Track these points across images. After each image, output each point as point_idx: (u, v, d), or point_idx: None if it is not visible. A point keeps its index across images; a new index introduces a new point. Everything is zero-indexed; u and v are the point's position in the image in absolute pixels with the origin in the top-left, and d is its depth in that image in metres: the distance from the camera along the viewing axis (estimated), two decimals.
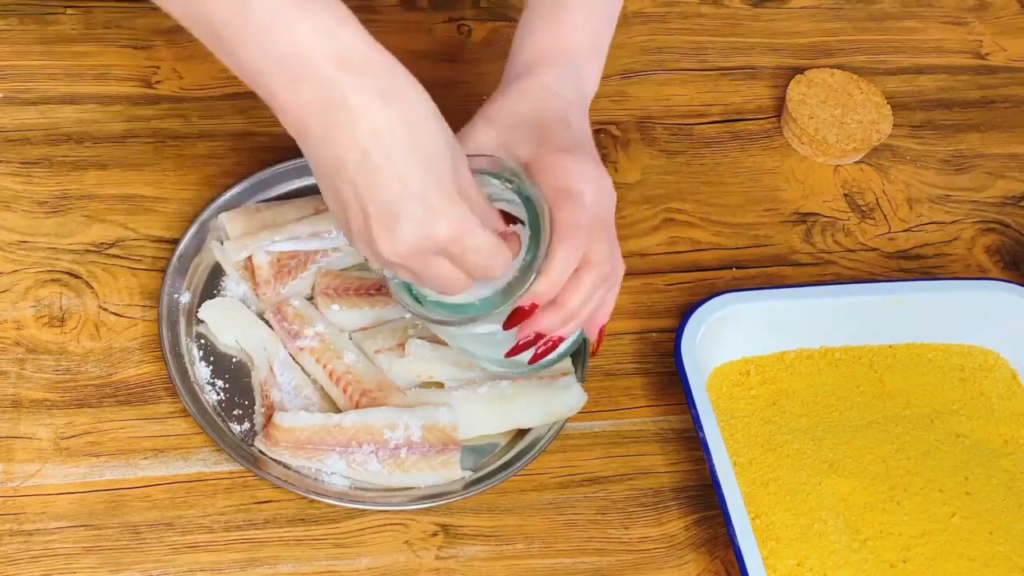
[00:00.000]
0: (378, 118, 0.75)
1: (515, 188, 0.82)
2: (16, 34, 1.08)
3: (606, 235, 0.84)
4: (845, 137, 1.13)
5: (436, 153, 0.76)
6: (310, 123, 0.75)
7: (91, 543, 0.86)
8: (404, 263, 0.79)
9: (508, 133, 0.86)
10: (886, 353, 1.02)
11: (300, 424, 0.90)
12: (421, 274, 0.80)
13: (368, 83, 0.75)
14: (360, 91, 0.74)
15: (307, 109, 0.75)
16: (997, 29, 1.28)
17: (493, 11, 1.19)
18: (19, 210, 0.99)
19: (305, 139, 0.77)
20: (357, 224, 0.78)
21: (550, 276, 0.81)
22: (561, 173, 0.83)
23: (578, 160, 0.84)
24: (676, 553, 0.92)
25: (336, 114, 0.74)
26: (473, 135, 0.87)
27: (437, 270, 0.79)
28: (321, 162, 0.77)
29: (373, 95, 0.75)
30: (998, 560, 0.93)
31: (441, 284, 0.81)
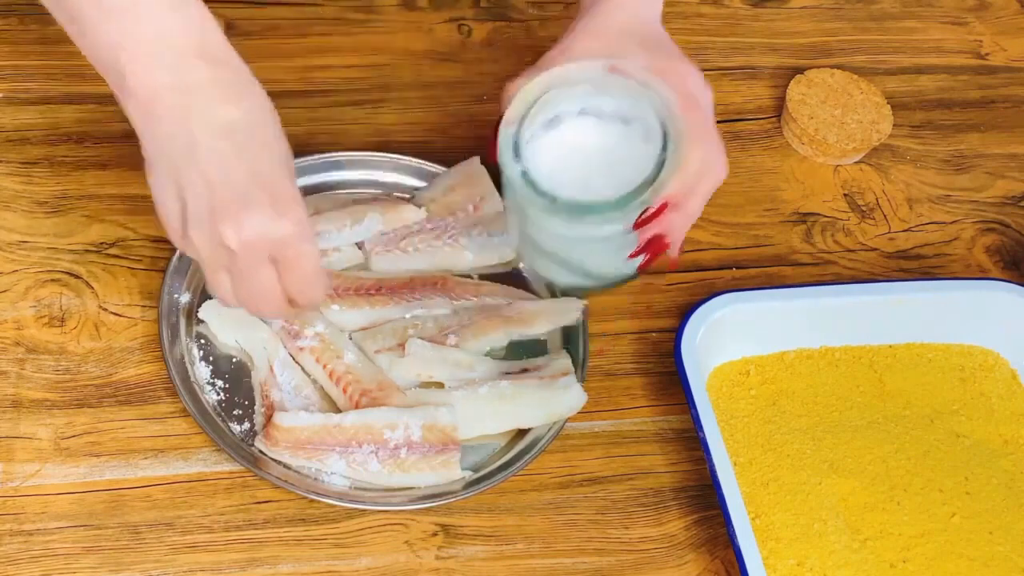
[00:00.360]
0: (234, 109, 0.77)
1: (641, 92, 0.83)
2: (16, 34, 1.08)
3: (720, 142, 0.86)
4: (845, 137, 1.13)
5: (284, 155, 0.80)
6: (161, 105, 0.77)
7: (91, 543, 0.86)
8: (242, 253, 0.79)
9: (614, 43, 0.86)
10: (886, 353, 1.02)
11: (300, 424, 0.90)
12: (245, 276, 0.80)
13: (226, 77, 0.78)
14: (219, 83, 0.77)
15: (161, 92, 0.77)
16: (997, 29, 1.28)
17: (493, 11, 1.19)
18: (19, 210, 0.99)
19: (151, 121, 0.78)
20: (196, 209, 0.78)
21: (684, 178, 0.83)
22: (680, 79, 0.85)
23: (693, 69, 0.86)
24: (676, 553, 0.92)
25: (193, 98, 0.76)
26: (576, 46, 0.87)
27: (261, 276, 0.81)
28: (167, 144, 0.78)
29: (231, 88, 0.78)
30: (998, 560, 0.93)
31: (258, 295, 0.82)
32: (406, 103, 1.10)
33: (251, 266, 0.80)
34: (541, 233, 0.88)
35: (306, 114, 1.07)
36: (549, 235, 0.87)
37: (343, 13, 1.15)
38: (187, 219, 0.79)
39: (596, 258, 0.89)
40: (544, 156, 0.85)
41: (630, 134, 0.85)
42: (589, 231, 0.85)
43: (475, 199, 1.02)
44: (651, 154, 0.83)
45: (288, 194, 0.79)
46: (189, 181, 0.78)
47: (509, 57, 1.15)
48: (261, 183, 0.78)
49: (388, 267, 1.00)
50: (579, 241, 0.87)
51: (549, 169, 0.84)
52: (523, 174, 0.83)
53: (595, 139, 0.86)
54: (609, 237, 0.86)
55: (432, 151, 1.06)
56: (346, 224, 0.99)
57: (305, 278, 0.82)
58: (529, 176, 0.83)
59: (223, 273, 0.82)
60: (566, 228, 0.85)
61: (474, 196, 1.02)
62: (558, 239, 0.88)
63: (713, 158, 0.85)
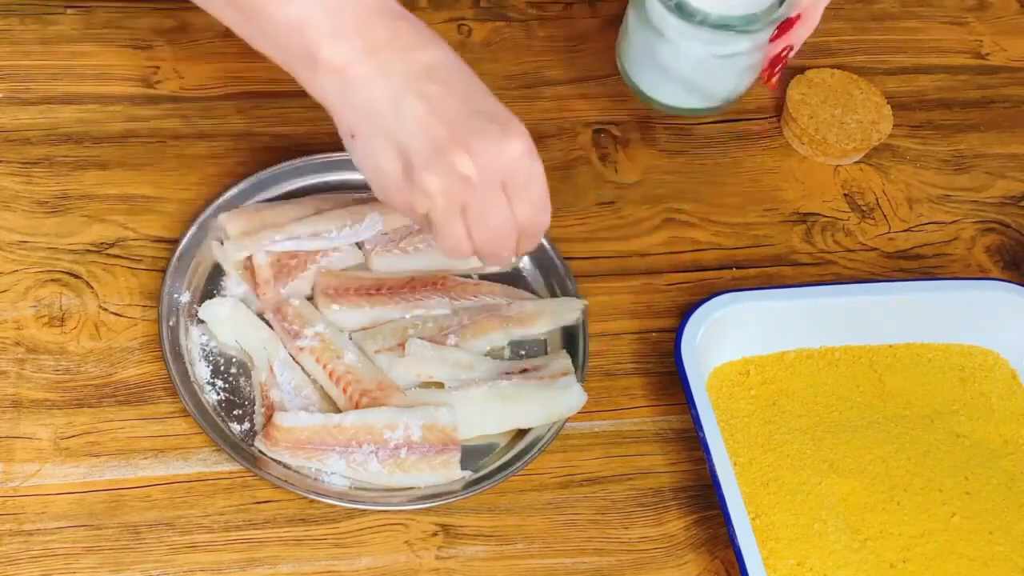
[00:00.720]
0: (428, 54, 0.79)
1: None
2: (16, 34, 1.08)
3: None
4: (845, 137, 1.13)
5: (484, 85, 0.81)
6: (358, 69, 0.78)
7: (91, 543, 0.86)
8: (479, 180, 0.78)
9: None
10: (886, 353, 1.02)
11: (300, 424, 0.90)
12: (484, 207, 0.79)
13: (409, 28, 0.79)
14: (405, 34, 0.79)
15: (355, 56, 0.78)
16: (997, 29, 1.28)
17: (493, 11, 1.19)
18: (19, 210, 0.99)
19: (350, 88, 0.79)
20: (421, 153, 0.78)
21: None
22: None
23: None
24: (676, 553, 0.92)
25: (386, 55, 0.77)
26: None
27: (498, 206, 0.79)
28: (371, 106, 0.78)
29: (417, 37, 0.79)
30: (998, 560, 0.93)
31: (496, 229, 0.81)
32: None
33: (488, 194, 0.79)
34: (676, 56, 0.97)
35: (306, 114, 1.07)
36: (682, 56, 0.97)
37: None
38: (413, 168, 0.78)
39: (722, 77, 1.00)
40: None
41: None
42: (727, 48, 0.96)
43: None
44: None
45: (507, 116, 0.80)
46: (405, 131, 0.78)
47: (509, 57, 1.15)
48: (479, 110, 0.79)
49: (388, 267, 1.00)
50: (711, 59, 0.97)
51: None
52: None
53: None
54: (741, 53, 0.97)
55: None
56: (346, 224, 0.99)
57: (537, 200, 0.81)
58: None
59: (458, 217, 0.80)
60: (706, 46, 0.96)
61: None
62: (689, 60, 0.97)
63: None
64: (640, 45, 0.99)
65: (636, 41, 1.00)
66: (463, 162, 0.77)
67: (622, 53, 1.05)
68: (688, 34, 0.96)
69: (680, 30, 0.96)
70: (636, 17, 1.00)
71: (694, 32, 0.95)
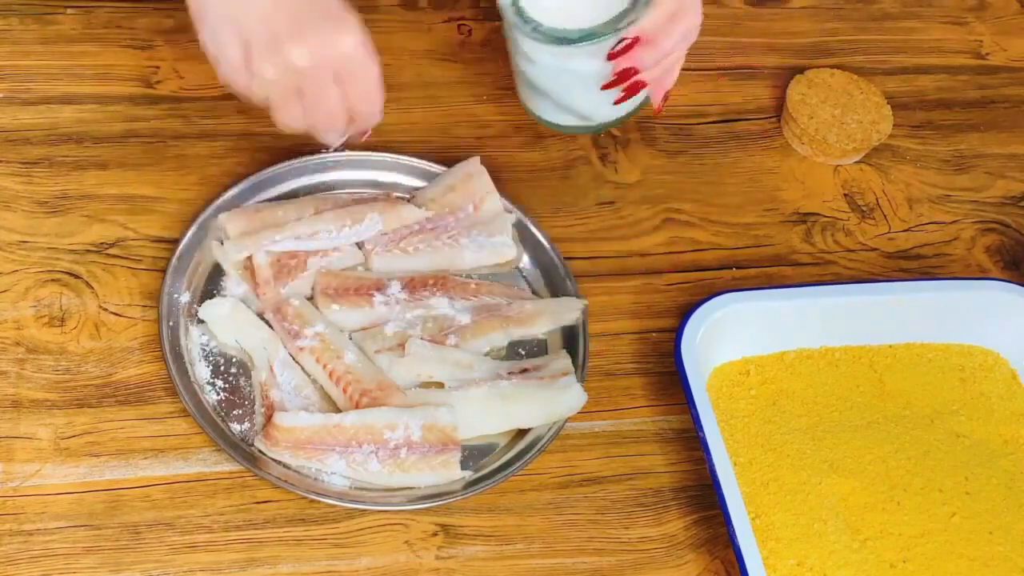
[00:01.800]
0: None
1: None
2: (16, 34, 1.08)
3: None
4: (845, 137, 1.13)
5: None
6: None
7: (91, 543, 0.86)
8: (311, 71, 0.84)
9: None
10: (886, 353, 1.02)
11: (300, 424, 0.90)
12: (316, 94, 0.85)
13: None
14: None
15: None
16: (997, 29, 1.28)
17: (493, 11, 1.18)
18: (19, 210, 0.99)
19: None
20: (260, 41, 0.83)
21: (657, 12, 0.90)
22: None
23: None
24: (676, 553, 0.92)
25: None
26: None
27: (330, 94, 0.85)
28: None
29: None
30: (998, 560, 0.93)
31: (325, 113, 0.87)
32: (406, 103, 1.10)
33: (321, 83, 0.85)
34: (532, 66, 0.96)
35: None
36: (539, 68, 0.95)
37: None
38: (251, 54, 0.84)
39: (583, 96, 0.97)
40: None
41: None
42: (572, 63, 0.93)
43: (475, 199, 1.02)
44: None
45: (343, 15, 0.84)
46: (247, 19, 0.83)
47: (509, 57, 1.15)
48: (318, 6, 0.83)
49: (388, 267, 1.00)
50: (565, 73, 0.95)
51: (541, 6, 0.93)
52: (513, 2, 0.93)
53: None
54: (592, 72, 0.94)
55: (432, 151, 1.06)
56: (346, 224, 0.99)
57: (368, 90, 0.87)
58: (518, 4, 0.93)
59: (293, 99, 0.86)
60: (551, 58, 0.93)
61: (474, 196, 1.02)
62: (547, 72, 0.96)
63: (688, 2, 0.92)
64: (513, 62, 1.00)
65: (513, 57, 0.99)
66: (298, 53, 0.83)
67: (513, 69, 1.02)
68: (535, 47, 0.94)
69: (526, 42, 0.94)
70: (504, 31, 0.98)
71: (538, 44, 0.93)
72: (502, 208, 1.03)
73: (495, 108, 1.12)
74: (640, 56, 0.92)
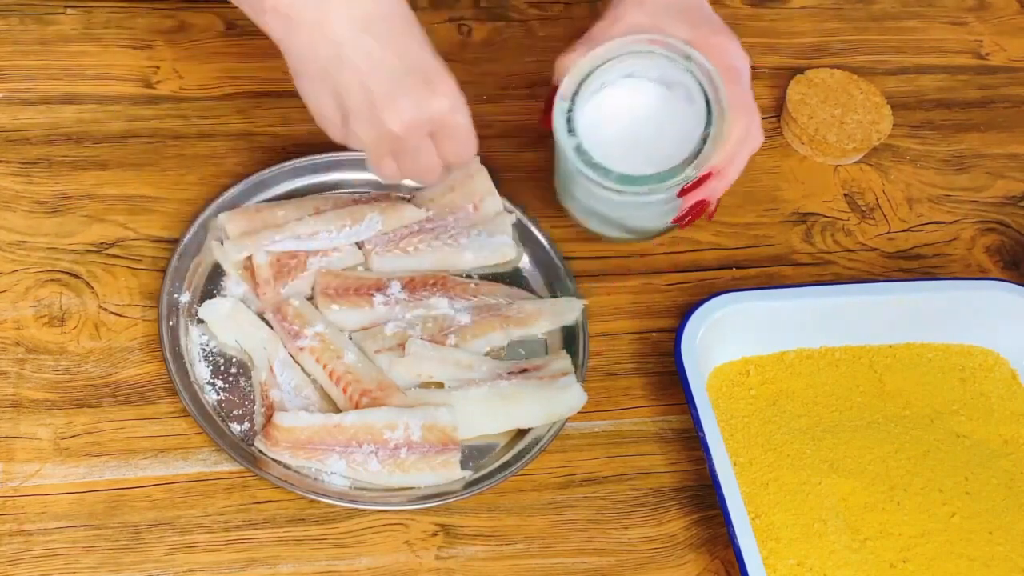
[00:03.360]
0: (368, 3, 0.83)
1: (686, 66, 0.90)
2: (16, 34, 1.08)
3: (757, 110, 0.93)
4: (845, 137, 1.13)
5: (423, 36, 0.85)
6: (300, 14, 0.82)
7: (91, 543, 0.86)
8: (405, 135, 0.84)
9: (659, 16, 0.92)
10: (886, 353, 1.02)
11: (300, 424, 0.90)
12: (410, 155, 0.86)
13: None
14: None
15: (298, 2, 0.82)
16: (997, 29, 1.28)
17: (493, 11, 1.19)
18: (19, 210, 0.99)
19: (293, 32, 0.83)
20: (356, 104, 0.84)
21: (728, 148, 0.91)
22: (723, 52, 0.91)
23: (732, 40, 0.92)
24: (676, 553, 0.92)
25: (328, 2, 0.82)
26: (626, 17, 0.92)
27: (422, 153, 0.86)
28: (312, 51, 0.83)
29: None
30: (998, 560, 0.93)
31: (421, 170, 0.89)
32: None
33: (415, 143, 0.86)
34: (590, 197, 0.94)
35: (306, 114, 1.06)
36: (598, 199, 0.94)
37: None
38: (348, 116, 0.85)
39: (641, 219, 0.98)
40: (594, 123, 0.91)
41: (674, 97, 0.92)
42: (638, 199, 0.92)
43: (475, 199, 1.02)
44: (695, 113, 0.90)
45: (437, 70, 0.85)
46: (342, 80, 0.83)
47: (509, 57, 1.15)
48: (410, 66, 0.84)
49: (388, 267, 1.00)
50: (627, 205, 0.94)
51: (599, 137, 0.91)
52: (577, 147, 0.90)
53: (642, 104, 0.93)
54: (654, 202, 0.93)
55: None
56: (346, 224, 0.99)
57: (461, 144, 0.88)
58: (583, 148, 0.90)
59: (388, 158, 0.88)
60: (616, 195, 0.92)
61: (474, 196, 1.02)
62: (606, 202, 0.94)
63: (753, 128, 0.92)
64: (564, 184, 0.97)
65: (562, 174, 0.96)
66: (391, 119, 0.84)
67: (556, 179, 0.99)
68: (595, 184, 0.91)
69: (595, 177, 0.91)
70: (557, 159, 0.95)
71: (604, 181, 0.90)
72: (502, 208, 1.03)
73: (495, 108, 1.12)
74: (712, 188, 0.93)
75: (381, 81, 0.83)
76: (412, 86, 0.84)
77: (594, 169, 0.90)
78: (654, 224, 0.98)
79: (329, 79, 0.84)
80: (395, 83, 0.83)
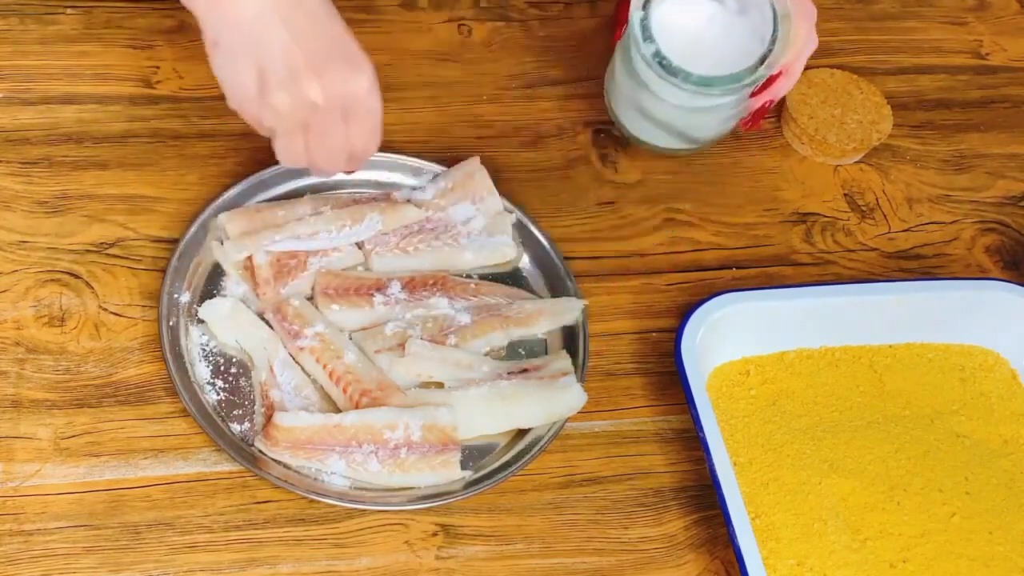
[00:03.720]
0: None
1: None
2: (16, 34, 1.08)
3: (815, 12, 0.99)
4: (845, 137, 1.13)
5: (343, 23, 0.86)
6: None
7: (91, 543, 0.86)
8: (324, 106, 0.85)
9: None
10: (886, 353, 1.02)
11: (300, 424, 0.90)
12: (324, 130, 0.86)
13: None
14: None
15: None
16: (997, 29, 1.28)
17: (493, 11, 1.19)
18: (19, 210, 0.99)
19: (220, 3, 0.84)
20: (276, 71, 0.84)
21: (796, 48, 0.98)
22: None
23: None
24: (676, 553, 0.92)
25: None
26: None
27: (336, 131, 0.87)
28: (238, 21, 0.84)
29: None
30: (998, 560, 0.93)
31: (327, 151, 0.88)
32: (406, 103, 1.10)
33: (329, 119, 0.86)
34: (660, 105, 1.01)
35: None
36: (667, 106, 1.01)
37: (343, 13, 1.15)
38: (266, 84, 0.85)
39: (703, 125, 1.04)
40: (663, 32, 0.98)
41: (727, 11, 0.99)
42: (709, 102, 0.99)
43: (475, 199, 1.02)
44: (756, 28, 0.98)
45: (360, 54, 0.86)
46: (266, 53, 0.84)
47: (509, 57, 1.15)
48: (336, 45, 0.85)
49: (388, 267, 1.00)
50: (694, 111, 1.01)
51: (670, 46, 0.97)
52: (656, 54, 0.97)
53: (701, 15, 0.99)
54: (722, 105, 1.00)
55: (432, 151, 1.06)
56: (346, 224, 0.99)
57: (371, 130, 0.89)
58: (662, 53, 0.97)
59: (299, 133, 0.87)
60: (688, 99, 0.99)
61: (474, 196, 1.02)
62: (674, 110, 1.01)
63: (812, 28, 0.99)
64: (624, 90, 1.03)
65: (621, 85, 1.03)
66: (313, 88, 0.84)
67: (609, 92, 1.07)
68: (670, 89, 0.99)
69: (662, 85, 0.98)
70: (622, 64, 1.03)
71: (676, 87, 0.98)
72: (502, 208, 1.03)
73: (495, 108, 1.12)
74: (777, 88, 1.00)
75: (305, 52, 0.84)
76: (336, 60, 0.85)
77: (674, 73, 0.96)
78: (718, 130, 1.05)
79: (251, 48, 0.84)
80: (318, 56, 0.84)
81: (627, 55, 1.01)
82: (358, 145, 0.89)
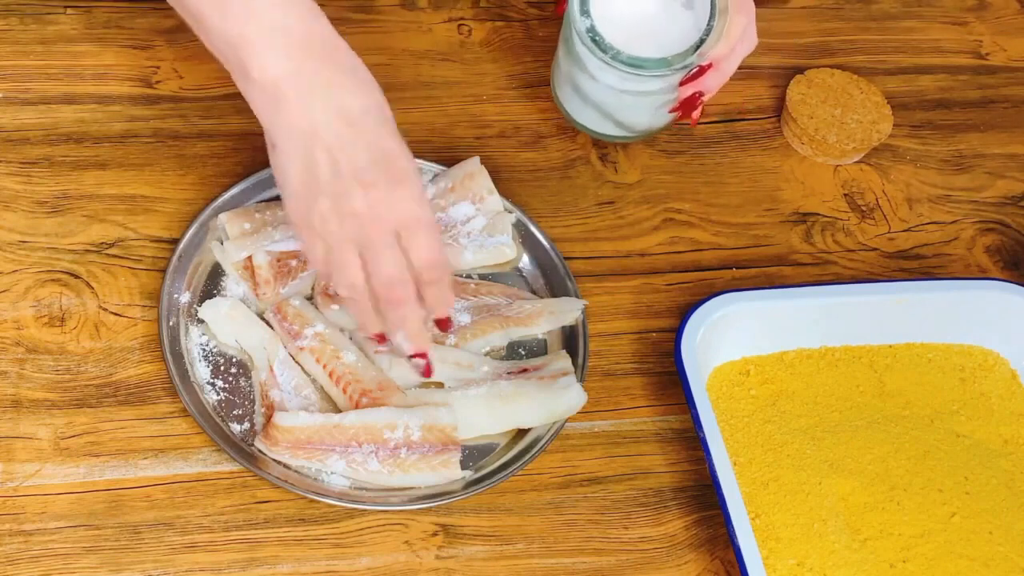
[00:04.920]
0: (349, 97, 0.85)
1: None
2: (16, 34, 1.08)
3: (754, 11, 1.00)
4: (845, 137, 1.13)
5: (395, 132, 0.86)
6: (284, 93, 0.84)
7: (91, 543, 0.86)
8: (368, 217, 0.84)
9: None
10: (886, 353, 1.02)
11: (300, 424, 0.90)
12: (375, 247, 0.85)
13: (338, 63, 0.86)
14: (332, 70, 0.85)
15: (282, 80, 0.84)
16: (997, 29, 1.28)
17: (493, 11, 1.19)
18: (19, 210, 0.99)
19: (275, 107, 0.85)
20: (323, 176, 0.84)
21: (729, 41, 0.98)
22: None
23: None
24: (676, 553, 0.92)
25: (311, 85, 0.84)
26: None
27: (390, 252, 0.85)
28: (291, 127, 0.84)
29: (344, 76, 0.85)
30: (998, 560, 0.93)
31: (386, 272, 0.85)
32: (406, 103, 1.10)
33: (380, 236, 0.85)
34: (593, 85, 1.02)
35: None
36: (600, 87, 1.01)
37: (343, 13, 1.15)
38: (312, 189, 0.85)
39: (635, 111, 1.04)
40: (604, 15, 0.99)
41: (682, 4, 0.99)
42: (639, 85, 1.00)
43: (475, 199, 1.02)
44: (692, 20, 0.98)
45: (404, 167, 0.86)
46: (315, 157, 0.84)
47: (509, 57, 1.15)
48: (380, 159, 0.85)
49: None
50: (626, 94, 1.01)
51: (608, 28, 0.98)
52: (589, 29, 0.98)
53: (657, 2, 1.00)
54: (653, 92, 1.01)
55: (432, 151, 1.06)
56: None
57: (429, 244, 0.86)
58: (595, 30, 0.98)
59: (351, 251, 0.85)
60: (619, 81, 1.00)
61: (474, 196, 1.02)
62: (607, 91, 1.02)
63: (750, 29, 0.99)
64: (566, 72, 1.04)
65: (563, 68, 1.04)
66: (355, 198, 0.84)
67: (553, 76, 1.08)
68: (603, 68, 0.99)
69: (597, 64, 0.99)
70: (564, 47, 1.04)
71: (608, 67, 0.99)
72: (502, 208, 1.03)
73: (495, 108, 1.12)
74: (708, 81, 0.99)
75: (349, 164, 0.84)
76: (377, 173, 0.84)
77: (605, 50, 0.97)
78: (647, 119, 1.05)
79: (303, 155, 0.85)
80: (362, 168, 0.84)
81: (568, 36, 1.02)
82: (420, 264, 0.86)
